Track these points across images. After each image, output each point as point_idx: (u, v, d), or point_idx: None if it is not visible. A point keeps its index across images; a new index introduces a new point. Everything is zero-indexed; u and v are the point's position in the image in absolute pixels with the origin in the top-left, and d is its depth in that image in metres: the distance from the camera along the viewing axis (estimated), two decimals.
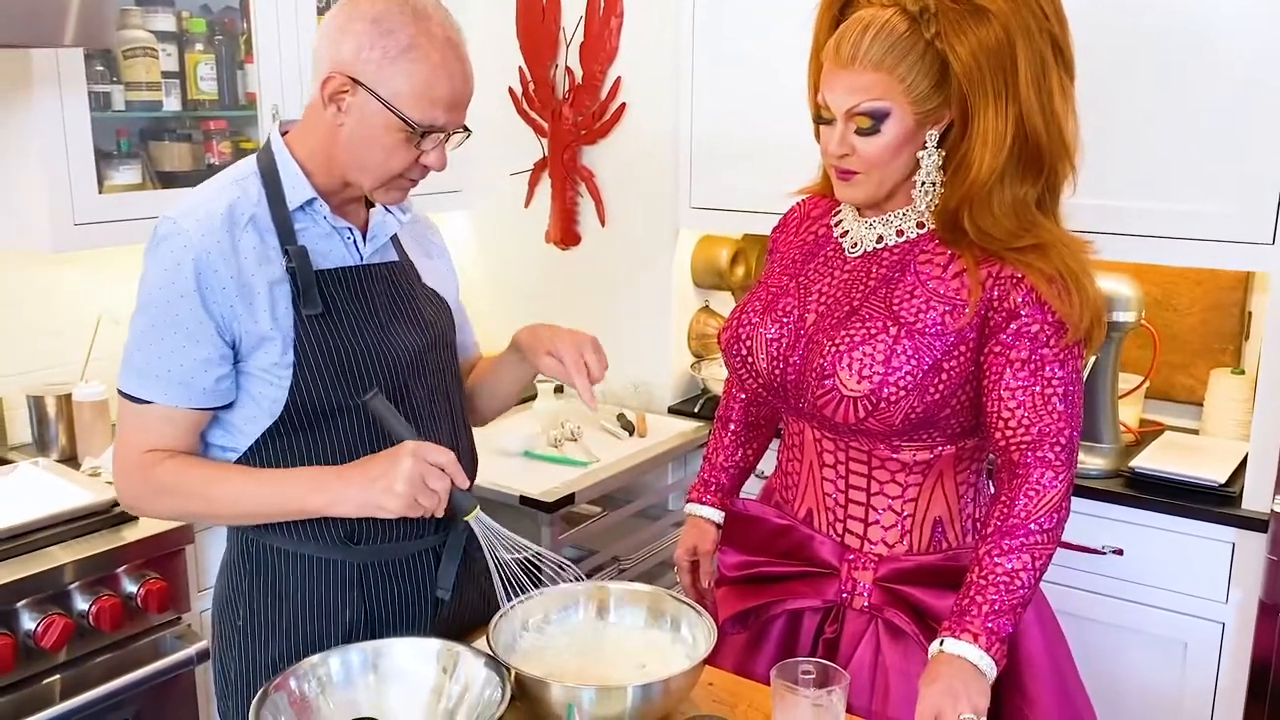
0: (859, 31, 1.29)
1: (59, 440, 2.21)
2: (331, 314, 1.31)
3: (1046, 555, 1.29)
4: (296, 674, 1.21)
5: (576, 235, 2.90)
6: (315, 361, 1.29)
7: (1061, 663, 1.47)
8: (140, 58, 2.19)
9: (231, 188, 1.30)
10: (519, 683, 1.21)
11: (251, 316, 1.27)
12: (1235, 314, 2.40)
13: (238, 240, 1.27)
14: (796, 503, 1.50)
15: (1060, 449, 1.30)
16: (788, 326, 1.42)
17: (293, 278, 1.29)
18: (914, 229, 1.38)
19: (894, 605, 1.40)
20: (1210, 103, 1.98)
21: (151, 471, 1.29)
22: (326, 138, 1.30)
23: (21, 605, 1.68)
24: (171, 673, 1.83)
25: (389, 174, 1.30)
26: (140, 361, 1.28)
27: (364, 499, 1.24)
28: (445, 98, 1.27)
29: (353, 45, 1.24)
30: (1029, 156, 1.30)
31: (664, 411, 2.79)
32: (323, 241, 1.33)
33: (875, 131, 1.31)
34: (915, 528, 1.42)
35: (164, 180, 2.30)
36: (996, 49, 1.26)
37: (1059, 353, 1.30)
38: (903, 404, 1.32)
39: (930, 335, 1.32)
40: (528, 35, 2.85)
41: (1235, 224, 1.99)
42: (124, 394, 1.31)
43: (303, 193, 1.31)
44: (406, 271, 1.43)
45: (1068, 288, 1.30)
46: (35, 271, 2.28)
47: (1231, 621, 2.02)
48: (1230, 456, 2.17)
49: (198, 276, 1.24)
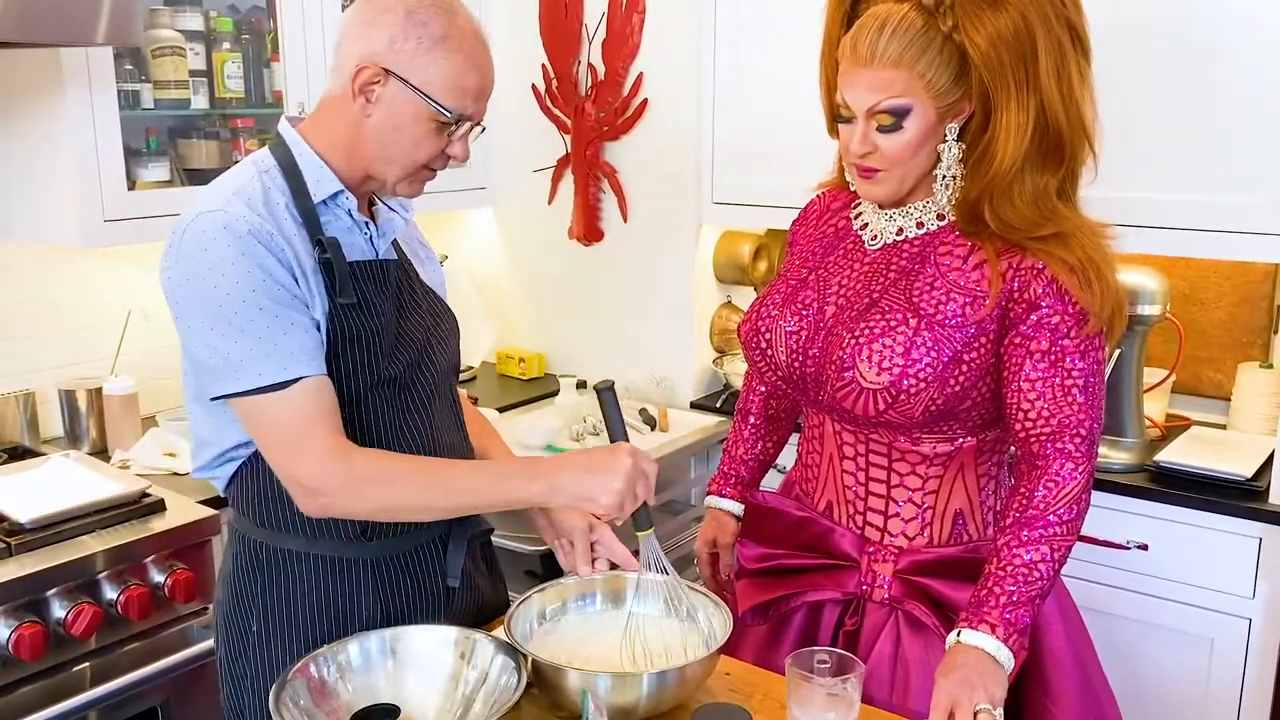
0: (875, 29, 1.28)
1: (90, 433, 2.25)
2: (361, 305, 1.32)
3: (1066, 547, 1.29)
4: (316, 660, 1.23)
5: (599, 231, 2.91)
6: (348, 351, 1.30)
7: (1084, 656, 1.46)
8: (168, 56, 2.22)
9: (255, 181, 1.28)
10: (535, 669, 1.22)
11: (314, 305, 1.27)
12: (1264, 307, 2.38)
13: (281, 224, 1.26)
14: (816, 495, 1.50)
15: (1080, 440, 1.30)
16: (807, 319, 1.42)
17: (325, 268, 1.29)
18: (934, 221, 1.38)
19: (914, 597, 1.40)
20: (1239, 94, 1.96)
21: (350, 461, 1.24)
22: (350, 130, 1.30)
23: (52, 594, 1.71)
24: (197, 661, 1.86)
25: (415, 164, 1.32)
26: (260, 349, 1.21)
27: (580, 490, 1.28)
28: (475, 88, 1.30)
29: (385, 36, 1.26)
30: (1050, 145, 1.30)
31: (686, 406, 2.80)
32: (344, 235, 1.33)
33: (897, 128, 1.30)
34: (936, 520, 1.42)
35: (192, 178, 2.33)
36: (1015, 38, 1.25)
37: (1080, 344, 1.30)
38: (923, 396, 1.31)
39: (950, 327, 1.32)
40: (551, 32, 2.86)
41: (1265, 216, 1.96)
42: (259, 390, 1.22)
43: (329, 185, 1.32)
44: (407, 269, 1.45)
45: (1089, 277, 1.29)
46: (66, 267, 2.32)
47: (1258, 617, 1.99)
48: (1258, 451, 2.15)
49: (268, 248, 1.22)
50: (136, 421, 2.25)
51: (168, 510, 1.90)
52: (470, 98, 1.30)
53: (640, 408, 2.69)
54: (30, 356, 2.28)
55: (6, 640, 1.64)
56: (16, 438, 2.22)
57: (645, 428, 2.61)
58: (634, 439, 2.53)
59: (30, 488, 1.91)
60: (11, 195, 2.19)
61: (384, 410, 1.34)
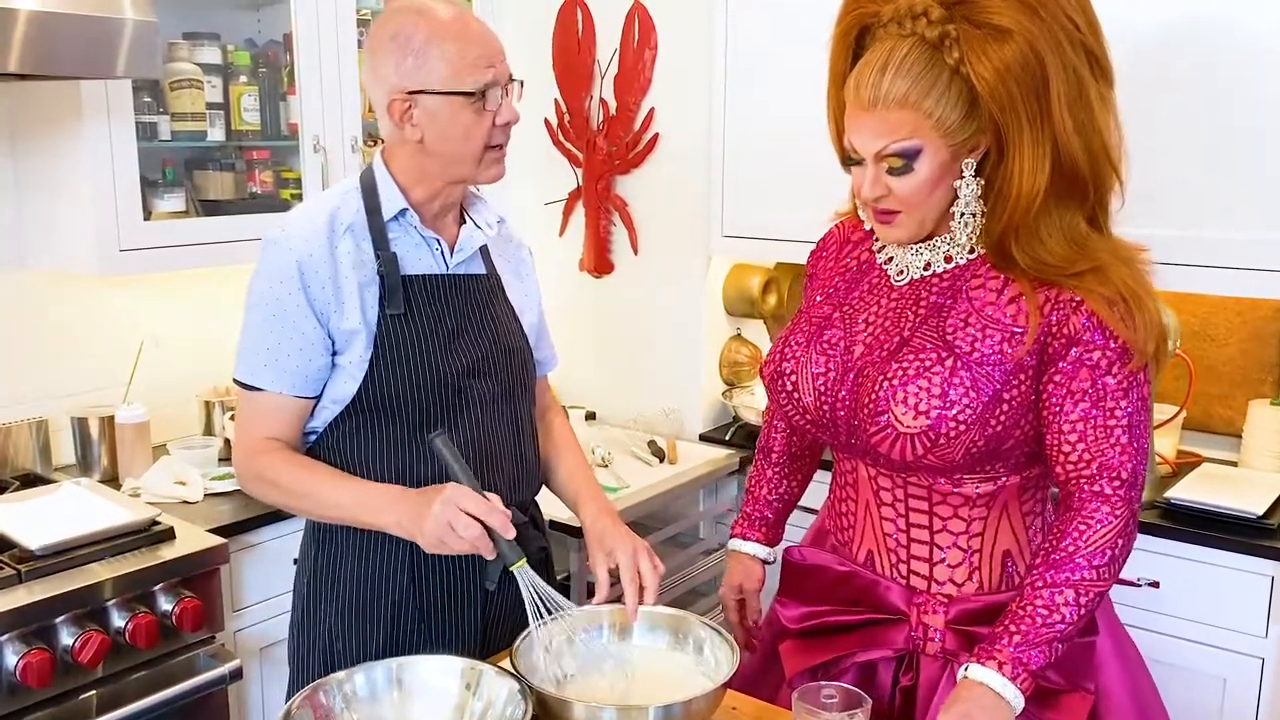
0: (878, 69, 1.22)
1: (101, 461, 2.26)
2: (410, 314, 1.43)
3: (1095, 593, 1.22)
4: (322, 689, 1.22)
5: (610, 264, 2.93)
6: (390, 356, 1.41)
7: (1145, 695, 1.40)
8: (186, 89, 2.25)
9: (335, 199, 1.45)
10: (540, 701, 1.22)
11: (343, 315, 1.40)
12: (1275, 344, 2.37)
13: (336, 245, 1.41)
14: (855, 545, 1.42)
15: (1120, 484, 1.23)
16: (834, 359, 1.35)
17: (381, 280, 1.41)
18: (964, 254, 1.32)
19: (968, 649, 1.29)
20: (1255, 129, 1.97)
21: (257, 459, 1.43)
22: (414, 155, 1.43)
23: (60, 621, 1.71)
24: (204, 690, 1.85)
25: (478, 149, 1.42)
26: (252, 353, 1.42)
27: (409, 528, 1.34)
28: (480, 54, 1.39)
29: (390, 66, 1.38)
30: (1072, 178, 1.23)
31: (695, 439, 2.80)
32: (413, 250, 1.45)
33: (908, 170, 1.24)
34: (984, 563, 1.35)
35: (207, 209, 2.36)
36: (1024, 69, 1.18)
37: (1122, 381, 1.24)
38: (964, 439, 1.25)
39: (989, 365, 1.25)
40: (563, 67, 2.90)
41: (1277, 252, 1.96)
42: (239, 383, 1.44)
43: (396, 204, 1.44)
44: (491, 285, 1.54)
45: (1130, 311, 1.23)
46: (81, 296, 2.34)
47: (1272, 656, 1.97)
48: (1269, 488, 2.14)
49: (301, 277, 1.38)
50: (148, 450, 2.26)
51: (177, 539, 1.91)
52: (482, 66, 1.38)
53: (649, 440, 2.69)
54: (44, 384, 2.29)
55: (14, 667, 1.64)
56: (29, 465, 2.24)
57: (654, 460, 2.61)
58: (642, 471, 2.55)
59: (41, 515, 1.92)
60: (29, 223, 2.22)
61: (434, 411, 1.44)
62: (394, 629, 1.46)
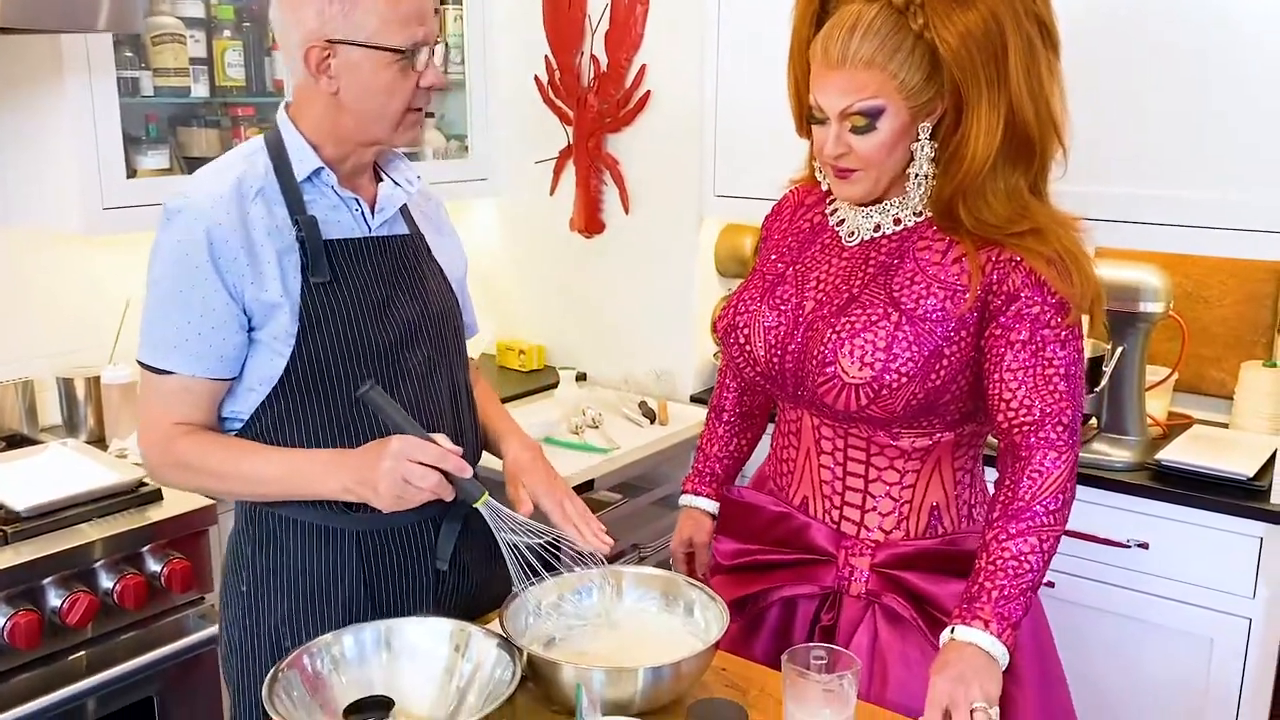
0: (846, 30, 1.29)
1: (88, 422, 2.25)
2: (336, 281, 1.34)
3: (1054, 537, 1.29)
4: (310, 651, 1.22)
5: (601, 223, 2.90)
6: (319, 329, 1.32)
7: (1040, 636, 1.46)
8: (169, 44, 2.21)
9: (239, 163, 1.34)
10: (530, 663, 1.22)
11: (262, 286, 1.30)
12: (1269, 306, 2.37)
13: (247, 211, 1.31)
14: (792, 490, 1.51)
15: (1063, 429, 1.30)
16: (785, 314, 1.43)
17: (301, 246, 1.32)
18: (911, 217, 1.39)
19: (892, 590, 1.41)
20: (1245, 90, 1.95)
21: (172, 445, 1.33)
22: (327, 108, 1.34)
23: (48, 582, 1.71)
24: (193, 651, 1.86)
25: (398, 111, 1.34)
26: (158, 333, 1.32)
27: (359, 490, 1.28)
28: (412, 10, 1.30)
29: (312, 13, 1.29)
30: (1021, 142, 1.31)
31: (686, 400, 2.79)
32: (331, 212, 1.36)
33: (871, 129, 1.31)
34: (912, 514, 1.43)
35: (191, 166, 2.32)
36: (985, 35, 1.26)
37: (1060, 333, 1.31)
38: (904, 390, 1.32)
39: (931, 321, 1.33)
40: (554, 24, 2.85)
41: (1271, 214, 1.95)
42: (144, 365, 1.34)
43: (310, 163, 1.35)
44: (416, 245, 1.45)
45: (1067, 268, 1.30)
46: (65, 254, 2.31)
47: (1259, 617, 1.99)
48: (1260, 450, 2.14)
49: (210, 247, 1.28)
50: (134, 410, 2.24)
51: (164, 500, 1.90)
52: (413, 24, 1.30)
53: (640, 401, 2.68)
54: (29, 344, 2.27)
55: (2, 628, 1.64)
56: (15, 426, 2.22)
57: (645, 421, 2.60)
58: (633, 432, 2.54)
59: (27, 476, 1.91)
60: (10, 181, 2.18)
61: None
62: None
